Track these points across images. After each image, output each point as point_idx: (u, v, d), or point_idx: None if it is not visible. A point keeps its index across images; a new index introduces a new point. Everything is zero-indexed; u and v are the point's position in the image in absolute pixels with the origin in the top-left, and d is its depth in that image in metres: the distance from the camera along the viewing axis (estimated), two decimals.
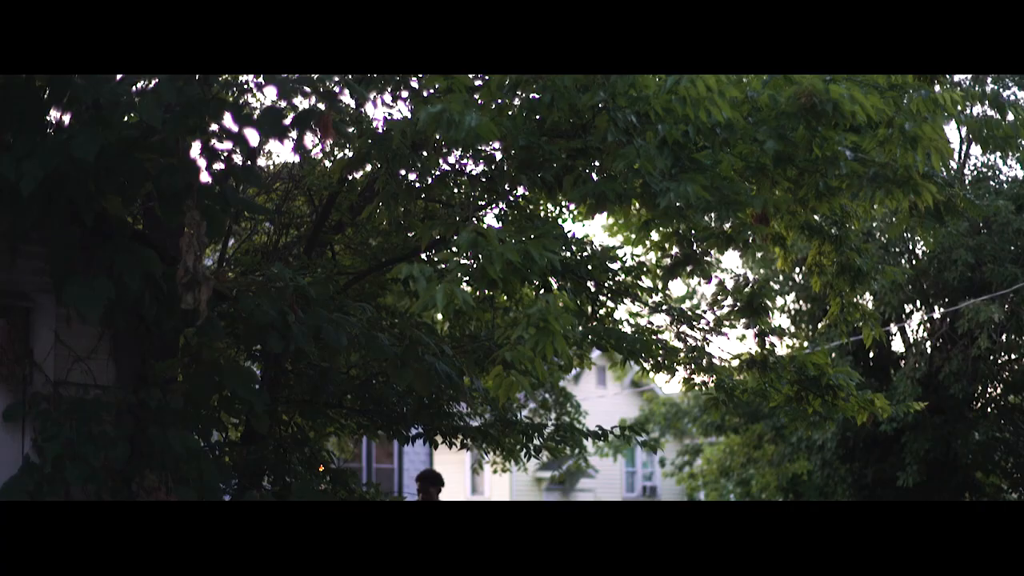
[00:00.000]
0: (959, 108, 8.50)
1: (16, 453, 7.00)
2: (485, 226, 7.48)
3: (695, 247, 10.79)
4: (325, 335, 7.34)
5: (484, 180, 8.92)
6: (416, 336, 7.73)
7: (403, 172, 8.73)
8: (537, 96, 7.45)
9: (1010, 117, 9.13)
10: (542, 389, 23.55)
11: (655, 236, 11.03)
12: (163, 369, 7.31)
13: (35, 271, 7.04)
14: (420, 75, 8.10)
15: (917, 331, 29.56)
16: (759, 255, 26.71)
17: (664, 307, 11.64)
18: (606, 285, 11.16)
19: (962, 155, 27.09)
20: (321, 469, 10.17)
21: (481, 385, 9.12)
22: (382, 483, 17.17)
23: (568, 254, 10.45)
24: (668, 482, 48.28)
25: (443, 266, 8.08)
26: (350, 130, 8.59)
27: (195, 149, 6.90)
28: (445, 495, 13.10)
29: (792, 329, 28.93)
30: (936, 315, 28.59)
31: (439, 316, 11.99)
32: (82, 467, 6.88)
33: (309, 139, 9.51)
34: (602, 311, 11.30)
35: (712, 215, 9.36)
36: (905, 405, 13.10)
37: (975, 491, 29.92)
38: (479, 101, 7.52)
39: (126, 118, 6.72)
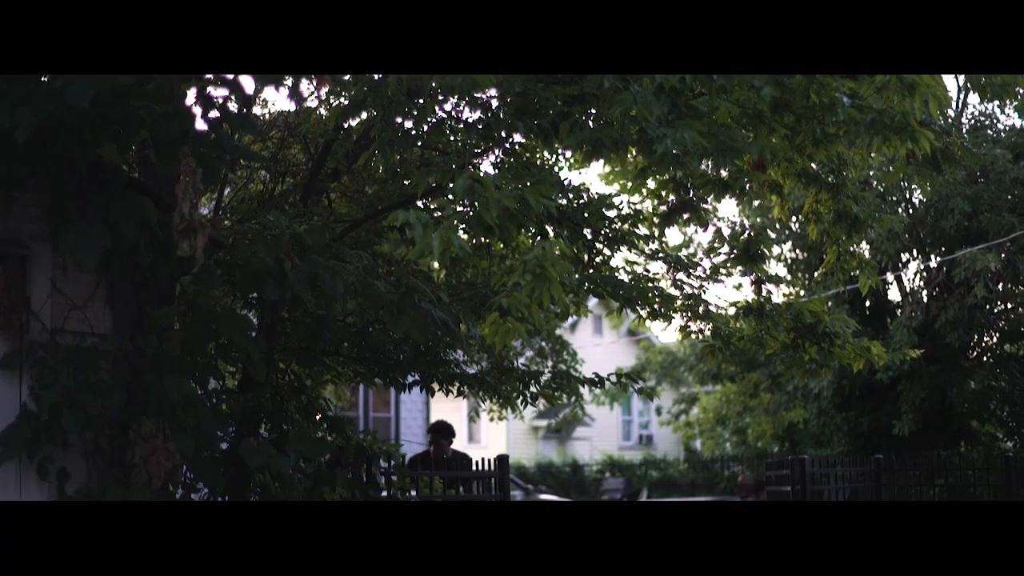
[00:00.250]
0: None
1: (13, 401, 7.01)
2: (481, 173, 7.46)
3: (691, 194, 10.79)
4: (321, 282, 7.33)
5: (480, 127, 8.90)
6: (412, 283, 7.72)
7: (399, 119, 8.70)
8: None
9: None
10: (538, 337, 23.56)
11: (651, 184, 11.02)
12: (159, 317, 7.31)
13: (31, 219, 7.03)
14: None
15: (913, 280, 29.57)
16: (756, 203, 26.72)
17: (661, 254, 11.63)
18: (602, 233, 11.15)
19: (960, 103, 27.03)
20: (319, 417, 10.17)
21: (477, 333, 9.11)
22: (379, 431, 17.20)
23: (564, 202, 10.43)
24: (664, 431, 48.46)
25: (439, 213, 8.08)
26: (346, 77, 8.56)
27: (190, 96, 6.87)
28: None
29: (788, 278, 28.96)
30: (932, 264, 28.60)
31: (435, 264, 12.00)
32: (79, 415, 6.89)
33: (305, 86, 9.49)
34: (598, 259, 11.29)
35: (709, 162, 9.36)
36: (901, 353, 13.13)
37: (970, 440, 30.02)
38: None
39: None
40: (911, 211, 27.53)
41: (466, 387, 11.50)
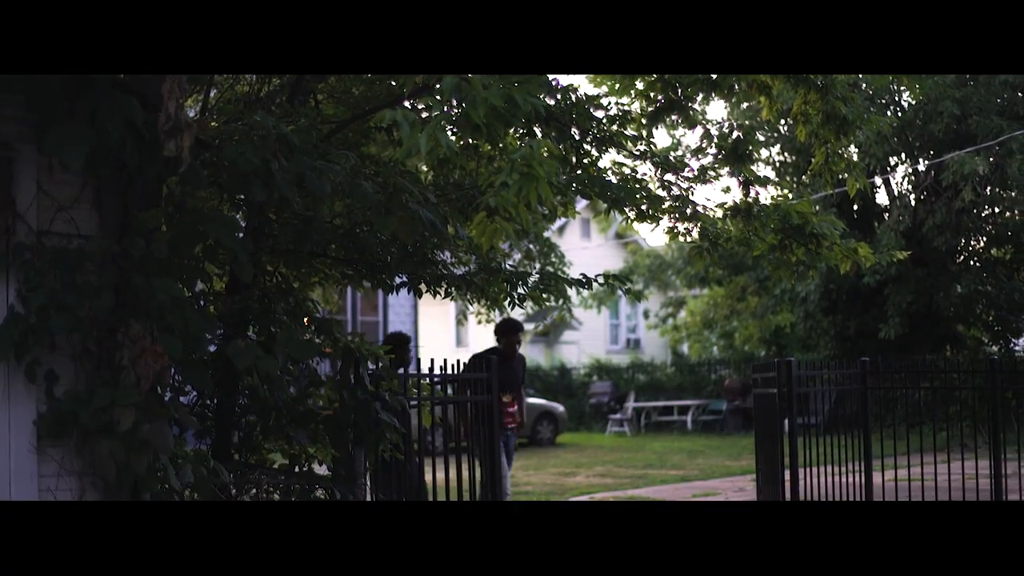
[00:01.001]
0: None
1: (0, 304, 7.00)
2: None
3: (679, 93, 10.72)
4: (308, 183, 7.30)
5: None
6: (400, 184, 7.69)
7: None
8: None
9: None
10: (526, 240, 23.55)
11: (639, 85, 10.96)
12: (146, 219, 7.28)
13: (16, 120, 6.98)
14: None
15: (901, 183, 29.64)
16: (744, 106, 26.64)
17: (649, 155, 11.57)
18: (590, 133, 11.09)
19: None
20: (307, 321, 10.17)
21: (465, 234, 9.10)
22: (367, 335, 17.22)
23: (552, 102, 10.37)
24: (652, 334, 48.67)
25: (427, 113, 8.01)
26: None
27: None
28: (430, 347, 13.20)
29: (776, 180, 28.99)
30: (921, 167, 28.62)
31: (423, 167, 11.95)
32: (67, 317, 6.89)
33: None
34: (586, 160, 11.24)
35: None
36: (888, 254, 13.15)
37: (956, 344, 30.24)
38: None
39: None
40: (900, 114, 27.50)
41: (454, 288, 11.48)
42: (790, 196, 20.16)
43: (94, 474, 7.10)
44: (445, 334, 43.84)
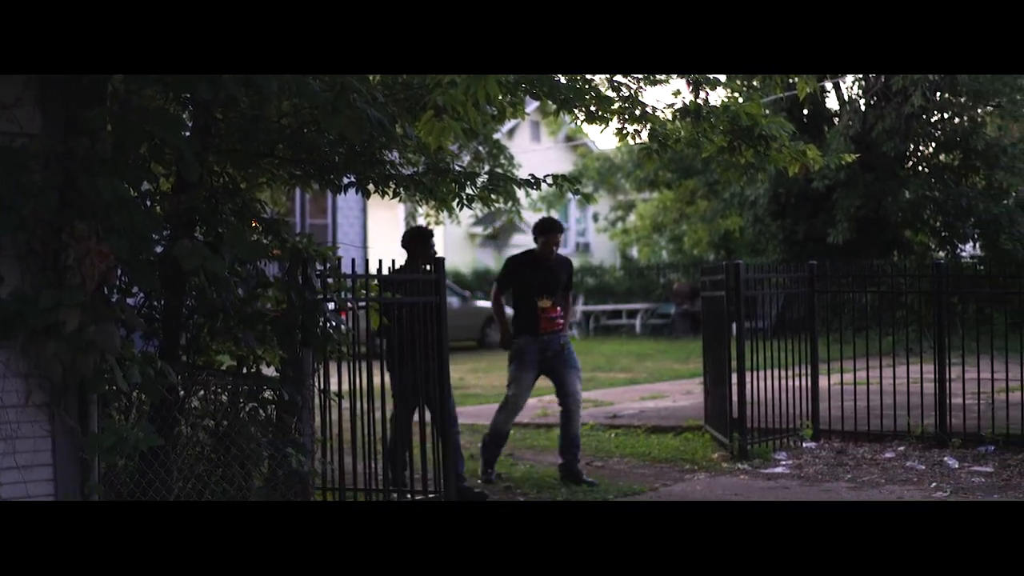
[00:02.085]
0: None
1: None
2: None
3: None
4: (255, 81, 7.23)
5: None
6: (347, 82, 7.61)
7: None
8: None
9: None
10: (475, 141, 23.41)
11: None
12: (92, 118, 7.21)
13: None
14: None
15: (851, 88, 29.64)
16: None
17: None
18: None
19: None
20: (254, 222, 10.10)
21: (414, 134, 9.03)
22: (316, 236, 17.18)
23: None
24: (601, 238, 48.72)
25: None
26: None
27: None
28: (378, 251, 12.98)
29: (726, 83, 28.93)
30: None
31: None
32: (11, 217, 6.85)
33: None
34: None
35: None
36: (836, 157, 13.14)
37: (903, 249, 30.44)
38: None
39: None
40: None
41: (402, 189, 11.38)
42: (740, 99, 20.16)
43: (40, 375, 7.10)
44: (395, 238, 43.74)
